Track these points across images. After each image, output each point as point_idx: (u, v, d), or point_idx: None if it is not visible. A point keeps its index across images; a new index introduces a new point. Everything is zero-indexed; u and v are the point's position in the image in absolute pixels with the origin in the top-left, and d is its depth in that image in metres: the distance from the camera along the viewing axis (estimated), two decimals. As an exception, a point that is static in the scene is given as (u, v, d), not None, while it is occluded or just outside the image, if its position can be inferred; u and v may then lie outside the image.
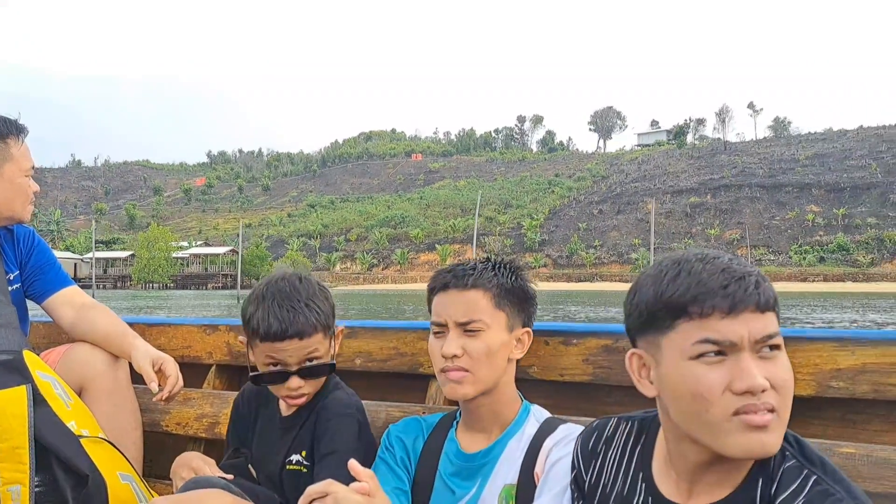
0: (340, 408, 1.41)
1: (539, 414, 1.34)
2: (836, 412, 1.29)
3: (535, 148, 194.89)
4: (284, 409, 1.48)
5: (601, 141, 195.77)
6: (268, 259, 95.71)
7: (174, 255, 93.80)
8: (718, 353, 0.84)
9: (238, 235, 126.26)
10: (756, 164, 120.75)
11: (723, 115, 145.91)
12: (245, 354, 1.43)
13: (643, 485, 0.96)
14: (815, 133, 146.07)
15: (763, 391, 0.82)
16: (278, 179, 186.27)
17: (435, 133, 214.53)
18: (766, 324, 0.84)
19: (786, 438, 0.88)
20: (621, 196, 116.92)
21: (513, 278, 1.31)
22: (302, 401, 1.41)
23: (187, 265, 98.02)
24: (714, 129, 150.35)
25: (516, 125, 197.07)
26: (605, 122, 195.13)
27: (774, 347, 0.84)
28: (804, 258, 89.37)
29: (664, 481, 0.95)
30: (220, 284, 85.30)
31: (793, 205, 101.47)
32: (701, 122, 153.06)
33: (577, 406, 1.51)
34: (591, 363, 1.46)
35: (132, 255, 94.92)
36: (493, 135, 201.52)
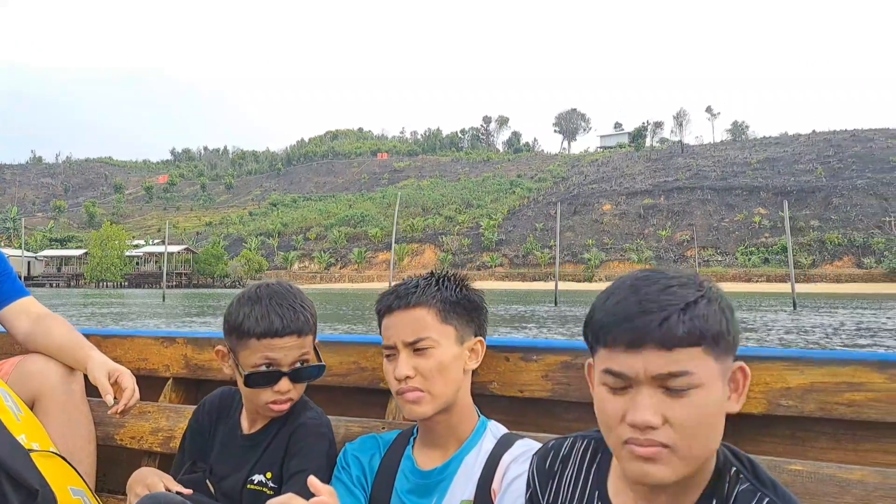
0: (314, 427, 1.40)
1: (496, 430, 1.32)
2: (786, 430, 1.32)
3: (501, 148, 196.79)
4: (247, 426, 1.46)
5: (566, 142, 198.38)
6: (223, 258, 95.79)
7: (128, 253, 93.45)
8: (621, 385, 0.86)
9: (196, 234, 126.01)
10: (710, 167, 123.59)
11: (680, 119, 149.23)
12: (203, 368, 1.40)
13: (599, 503, 0.97)
14: (770, 137, 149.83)
15: (650, 428, 0.83)
16: (242, 178, 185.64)
17: (402, 133, 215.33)
18: (669, 362, 0.83)
19: (740, 460, 0.90)
20: (578, 197, 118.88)
21: (457, 290, 1.30)
22: (285, 406, 1.39)
23: (141, 264, 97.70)
24: (671, 132, 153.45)
25: (482, 126, 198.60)
26: (569, 124, 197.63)
27: (680, 388, 0.83)
28: (749, 259, 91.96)
29: (620, 500, 0.95)
30: (173, 283, 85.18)
31: (742, 207, 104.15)
32: (659, 125, 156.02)
33: (535, 422, 1.51)
34: (550, 379, 1.46)
35: (86, 254, 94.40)
36: (460, 135, 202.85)
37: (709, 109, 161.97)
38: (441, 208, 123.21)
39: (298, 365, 1.38)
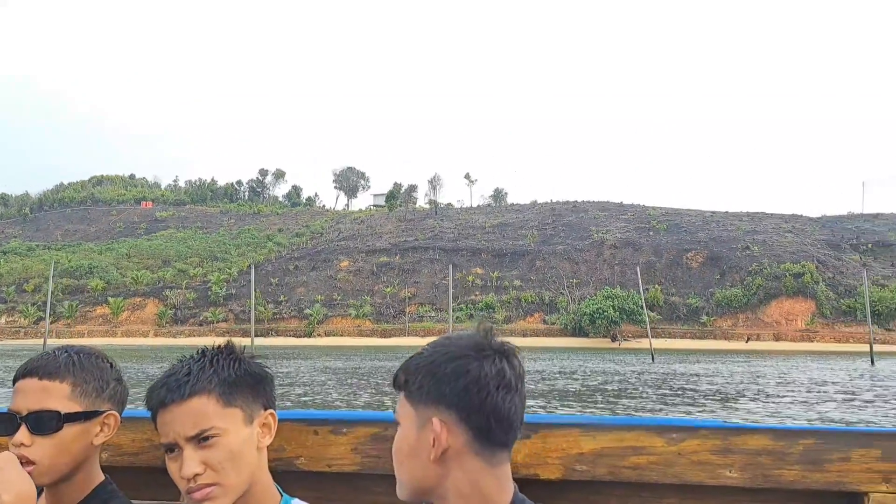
0: None
1: None
2: (580, 494, 1.35)
3: (283, 202, 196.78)
4: None
5: (347, 199, 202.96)
6: None
7: None
8: None
9: None
10: (451, 230, 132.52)
11: (434, 183, 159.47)
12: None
13: None
14: (518, 204, 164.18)
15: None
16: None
17: (175, 181, 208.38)
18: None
19: None
20: (321, 253, 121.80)
21: (236, 367, 1.18)
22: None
23: None
24: (425, 195, 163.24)
25: (258, 178, 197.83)
26: (348, 181, 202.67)
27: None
28: (457, 315, 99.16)
29: None
30: None
31: (463, 267, 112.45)
32: (414, 188, 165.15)
33: (344, 497, 1.46)
34: (360, 452, 1.41)
35: None
36: (236, 186, 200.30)
37: (467, 176, 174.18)
38: (181, 261, 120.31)
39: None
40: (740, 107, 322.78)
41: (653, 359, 38.55)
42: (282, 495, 1.23)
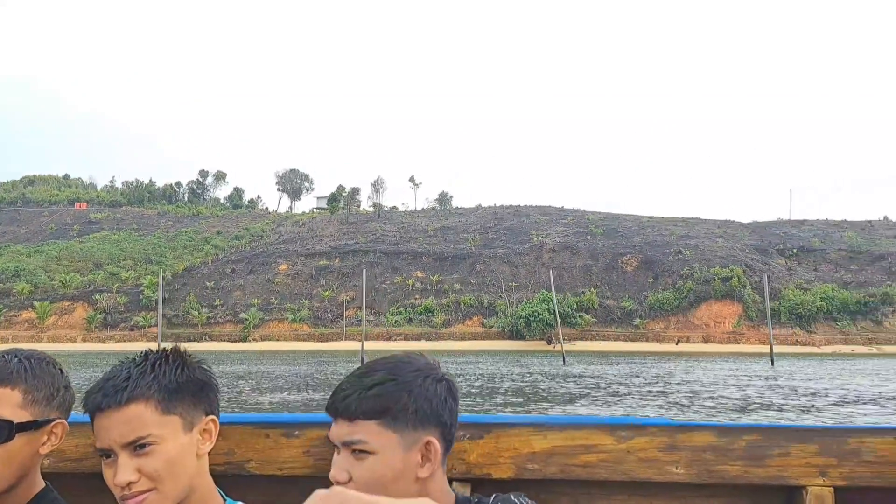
0: None
1: None
2: (531, 493, 1.33)
3: (225, 204, 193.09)
4: None
5: (291, 202, 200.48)
6: None
7: None
8: (335, 446, 1.06)
9: None
10: (393, 233, 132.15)
11: (377, 186, 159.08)
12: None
13: None
14: (462, 208, 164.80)
15: (337, 483, 1.01)
16: None
17: (112, 182, 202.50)
18: (349, 431, 1.04)
19: None
20: (260, 256, 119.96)
21: (178, 372, 1.13)
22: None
23: None
24: (368, 198, 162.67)
25: (198, 179, 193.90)
26: (291, 183, 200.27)
27: (361, 452, 1.03)
28: (395, 319, 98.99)
29: None
30: None
31: (403, 270, 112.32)
32: (357, 190, 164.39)
33: (296, 501, 1.37)
34: (312, 455, 1.38)
35: None
36: (175, 188, 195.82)
37: (412, 179, 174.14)
38: (113, 264, 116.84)
39: None
40: (682, 117, 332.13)
41: (564, 361, 39.22)
42: (225, 499, 1.19)
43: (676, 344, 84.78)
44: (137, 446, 1.07)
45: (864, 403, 16.71)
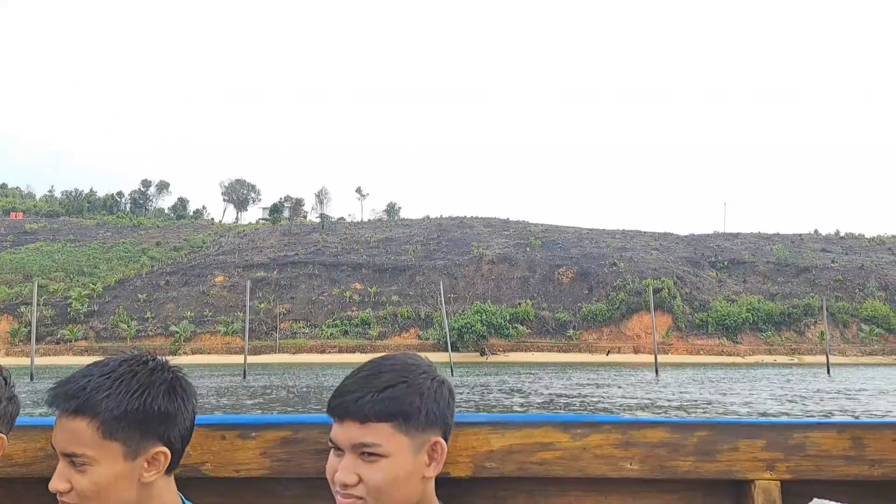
0: None
1: None
2: (489, 491, 1.38)
3: (169, 214, 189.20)
4: None
5: (237, 212, 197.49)
6: None
7: None
8: (337, 448, 1.07)
9: None
10: (335, 244, 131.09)
11: (321, 197, 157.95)
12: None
13: None
14: (408, 219, 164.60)
15: (344, 485, 1.03)
16: None
17: (50, 191, 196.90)
18: (360, 434, 1.03)
19: None
20: (195, 268, 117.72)
21: (136, 396, 1.05)
22: None
23: None
24: (312, 208, 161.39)
25: (140, 189, 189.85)
26: (237, 193, 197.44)
27: (371, 454, 1.03)
28: (331, 332, 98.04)
29: None
30: None
31: (343, 282, 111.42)
32: (300, 202, 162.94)
33: (252, 503, 1.43)
34: (269, 456, 1.37)
35: None
36: (117, 198, 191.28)
37: (358, 190, 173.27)
38: (43, 275, 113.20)
39: None
40: (629, 132, 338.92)
41: (452, 372, 39.26)
42: (183, 502, 1.17)
43: (607, 354, 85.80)
44: (72, 460, 1.03)
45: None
